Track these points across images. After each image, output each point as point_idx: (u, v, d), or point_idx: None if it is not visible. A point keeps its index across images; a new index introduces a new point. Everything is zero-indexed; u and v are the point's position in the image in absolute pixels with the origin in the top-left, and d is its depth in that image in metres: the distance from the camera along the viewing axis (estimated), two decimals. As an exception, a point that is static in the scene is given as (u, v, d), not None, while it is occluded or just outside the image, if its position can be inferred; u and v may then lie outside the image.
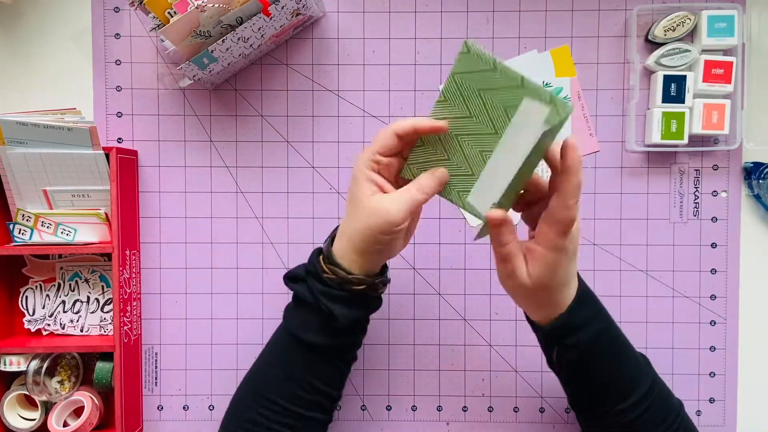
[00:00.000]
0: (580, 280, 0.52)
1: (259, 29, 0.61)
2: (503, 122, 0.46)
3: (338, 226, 0.54)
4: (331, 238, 0.54)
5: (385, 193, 0.50)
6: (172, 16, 0.58)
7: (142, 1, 0.58)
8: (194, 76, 0.62)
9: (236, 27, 0.60)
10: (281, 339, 0.56)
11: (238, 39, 0.60)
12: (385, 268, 0.55)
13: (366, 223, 0.50)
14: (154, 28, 0.60)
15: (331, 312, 0.52)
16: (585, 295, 0.52)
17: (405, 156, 0.52)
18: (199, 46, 0.60)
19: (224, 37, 0.59)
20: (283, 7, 0.60)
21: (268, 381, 0.55)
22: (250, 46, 0.63)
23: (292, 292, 0.55)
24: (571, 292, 0.51)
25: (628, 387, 0.52)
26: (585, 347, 0.51)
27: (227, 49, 0.61)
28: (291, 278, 0.55)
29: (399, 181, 0.52)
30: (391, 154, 0.50)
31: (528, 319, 0.55)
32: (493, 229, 0.48)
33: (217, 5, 0.56)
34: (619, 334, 0.54)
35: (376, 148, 0.50)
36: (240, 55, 0.63)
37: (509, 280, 0.50)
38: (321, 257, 0.53)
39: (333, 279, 0.52)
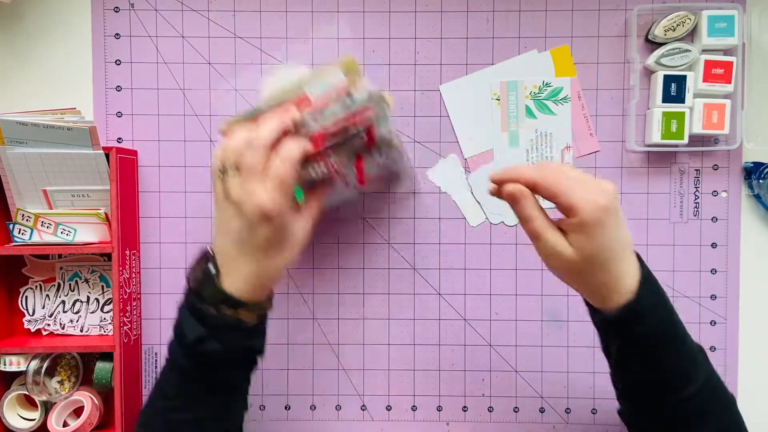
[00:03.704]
0: (640, 260, 0.49)
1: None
2: None
3: (210, 259, 0.50)
4: (212, 278, 0.49)
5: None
6: None
7: None
8: None
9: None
10: (188, 389, 0.51)
11: None
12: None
13: (291, 259, 0.51)
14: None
15: (255, 349, 0.53)
16: (648, 276, 0.48)
17: None
18: None
19: None
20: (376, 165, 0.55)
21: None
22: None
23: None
24: (630, 270, 0.47)
25: (684, 378, 0.49)
26: (651, 336, 0.48)
27: None
28: (200, 340, 0.49)
29: None
30: None
31: (587, 303, 0.51)
32: (513, 204, 0.48)
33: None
34: (679, 320, 0.50)
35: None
36: None
37: (554, 260, 0.48)
38: (208, 305, 0.49)
39: (254, 323, 0.51)
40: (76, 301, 0.69)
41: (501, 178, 0.49)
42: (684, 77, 0.65)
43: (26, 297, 0.69)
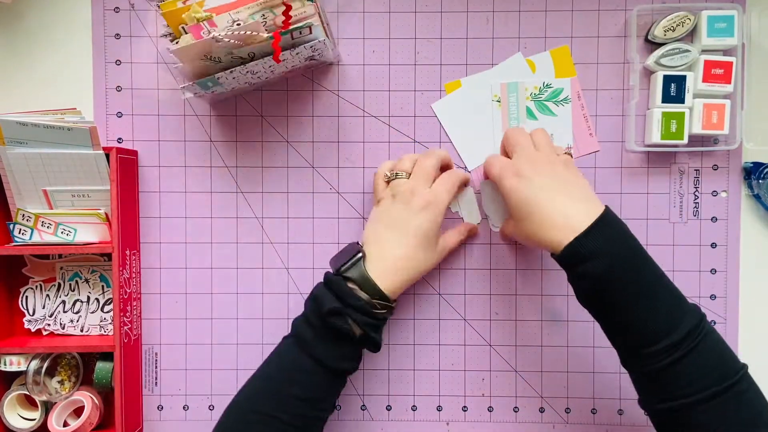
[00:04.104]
0: (605, 213, 0.53)
1: (269, 67, 0.60)
2: None
3: (360, 249, 0.58)
4: (360, 264, 0.57)
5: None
6: (184, 32, 0.57)
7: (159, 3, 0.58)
8: (195, 93, 0.61)
9: (247, 61, 0.59)
10: (302, 362, 0.56)
11: (247, 72, 0.59)
12: None
13: (432, 263, 0.61)
14: (165, 35, 0.59)
15: (376, 342, 0.57)
16: (600, 226, 0.52)
17: None
18: (206, 67, 0.59)
19: (233, 69, 0.58)
20: (297, 54, 0.59)
21: (279, 401, 0.55)
22: (258, 77, 0.62)
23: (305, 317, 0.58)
24: (568, 216, 0.53)
25: (657, 329, 0.50)
26: (597, 278, 0.51)
27: (234, 78, 0.60)
28: (331, 312, 0.55)
29: None
30: None
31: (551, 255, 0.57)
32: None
33: (232, 41, 0.55)
34: (647, 272, 0.52)
35: (453, 185, 0.62)
36: (245, 83, 0.63)
37: (506, 225, 0.66)
38: (350, 284, 0.56)
39: (382, 313, 0.56)
40: (76, 301, 0.69)
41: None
42: (684, 77, 0.65)
43: (26, 297, 0.69)
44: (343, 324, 0.54)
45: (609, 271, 0.51)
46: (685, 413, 0.50)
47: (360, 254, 0.58)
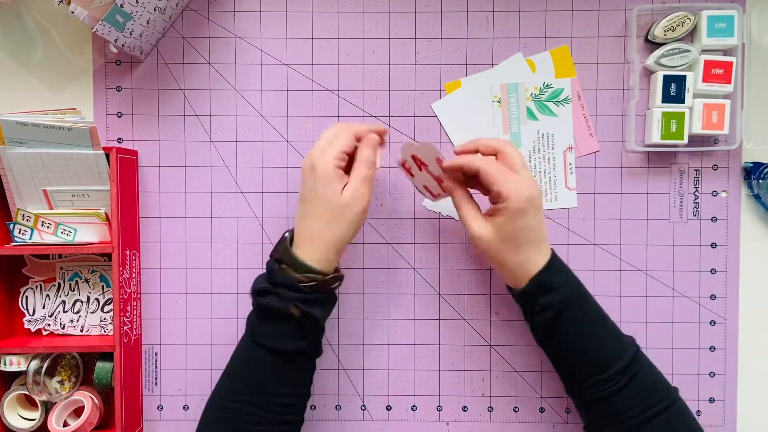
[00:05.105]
0: (553, 253, 0.56)
1: None
2: None
3: (290, 231, 0.58)
4: (285, 243, 0.57)
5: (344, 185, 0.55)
6: None
7: None
8: (116, 40, 0.59)
9: None
10: (250, 353, 0.57)
11: None
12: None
13: (347, 219, 0.55)
14: (61, 2, 0.59)
15: (310, 315, 0.55)
16: (556, 262, 0.56)
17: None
18: (110, 6, 0.58)
19: None
20: None
21: (240, 394, 0.56)
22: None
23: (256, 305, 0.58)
24: (540, 258, 0.55)
25: (605, 359, 0.54)
26: (558, 309, 0.54)
27: (138, 2, 0.58)
28: (260, 292, 0.56)
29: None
30: (349, 152, 0.56)
31: (508, 288, 0.59)
32: (450, 194, 0.59)
33: None
34: (595, 305, 0.57)
35: (342, 147, 0.55)
36: (156, 9, 0.61)
37: (478, 241, 0.56)
38: (282, 265, 0.55)
39: (309, 285, 0.55)
40: (76, 301, 0.69)
41: (455, 163, 0.58)
42: (684, 77, 0.65)
43: (26, 297, 0.69)
44: (275, 302, 0.54)
45: (566, 302, 0.54)
46: None
47: (286, 234, 0.58)
